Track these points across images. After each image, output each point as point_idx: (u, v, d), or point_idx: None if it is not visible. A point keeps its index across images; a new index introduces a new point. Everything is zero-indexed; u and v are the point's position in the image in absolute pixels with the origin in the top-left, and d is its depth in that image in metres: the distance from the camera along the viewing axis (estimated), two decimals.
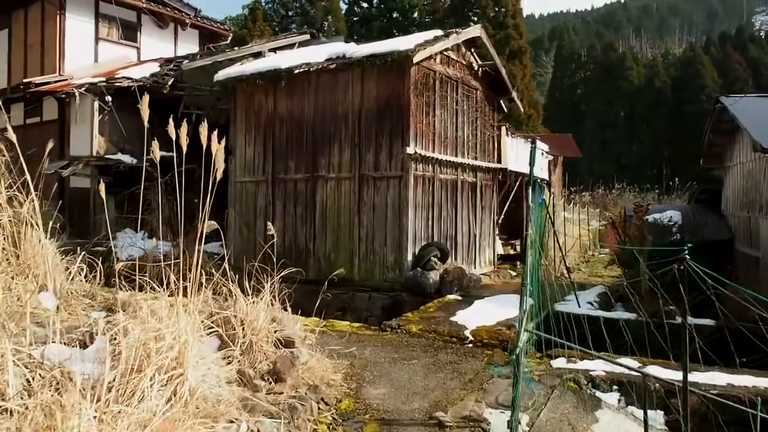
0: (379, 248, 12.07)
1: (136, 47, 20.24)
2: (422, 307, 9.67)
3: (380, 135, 12.07)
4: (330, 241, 12.73)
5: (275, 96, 13.56)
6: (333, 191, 12.72)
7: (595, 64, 72.78)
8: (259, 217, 13.83)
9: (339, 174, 12.60)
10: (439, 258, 11.90)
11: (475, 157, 14.27)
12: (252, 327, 5.98)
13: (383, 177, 12.02)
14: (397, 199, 11.84)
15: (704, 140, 12.61)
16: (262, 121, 13.79)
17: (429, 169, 12.44)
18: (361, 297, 11.83)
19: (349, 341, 7.77)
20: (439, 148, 12.75)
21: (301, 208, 13.19)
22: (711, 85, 59.25)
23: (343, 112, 12.54)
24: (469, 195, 14.08)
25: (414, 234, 11.89)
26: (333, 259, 12.70)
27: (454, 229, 13.41)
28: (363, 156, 12.28)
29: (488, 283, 13.73)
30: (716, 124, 11.92)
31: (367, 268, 12.23)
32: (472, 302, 9.96)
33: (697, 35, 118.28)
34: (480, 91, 14.44)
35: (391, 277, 11.92)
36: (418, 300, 11.18)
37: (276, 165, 13.55)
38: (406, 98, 11.70)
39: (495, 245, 15.29)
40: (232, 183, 14.34)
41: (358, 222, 12.30)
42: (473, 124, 14.21)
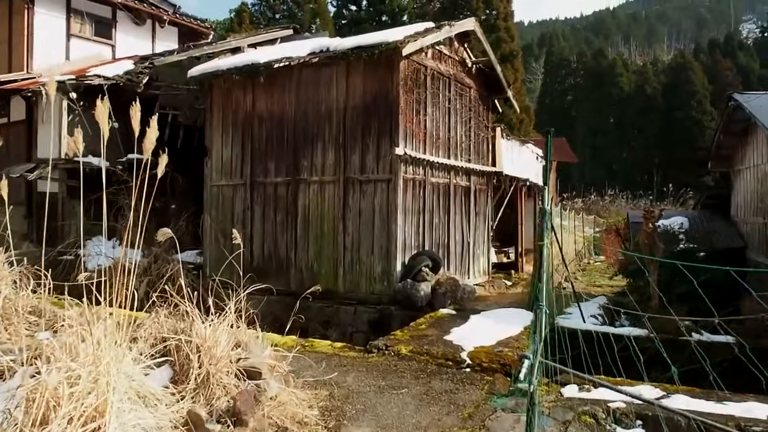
0: (365, 258, 11.12)
1: (111, 45, 19.20)
2: (412, 324, 8.71)
3: (367, 135, 11.14)
4: (312, 249, 11.77)
5: (254, 93, 12.60)
6: (316, 196, 11.77)
7: (585, 70, 72.54)
8: (237, 224, 12.83)
9: (322, 177, 11.65)
10: (430, 268, 10.96)
11: (469, 160, 13.37)
12: (210, 355, 5.00)
13: (370, 180, 11.09)
14: (385, 205, 10.91)
15: (713, 141, 11.81)
16: (239, 121, 12.82)
17: (419, 171, 11.52)
18: (346, 310, 10.87)
19: (329, 365, 6.79)
20: (430, 149, 11.84)
21: (281, 214, 12.22)
22: (701, 92, 59.03)
23: (327, 111, 11.61)
24: (463, 200, 13.16)
25: (403, 242, 10.95)
26: (316, 269, 11.73)
27: (447, 236, 12.49)
28: (348, 157, 11.35)
29: (483, 295, 12.80)
30: (727, 123, 11.12)
31: (352, 280, 11.27)
32: (467, 317, 9.02)
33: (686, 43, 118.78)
34: (474, 90, 13.56)
35: (378, 289, 10.97)
36: (408, 314, 10.24)
37: (255, 167, 12.58)
38: (395, 95, 10.79)
39: (489, 254, 14.37)
40: (207, 187, 13.35)
41: (342, 229, 11.35)
42: (467, 124, 13.32)
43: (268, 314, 12.22)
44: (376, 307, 10.64)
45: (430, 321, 8.85)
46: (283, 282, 12.09)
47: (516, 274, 16.97)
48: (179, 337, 5.03)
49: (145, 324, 5.25)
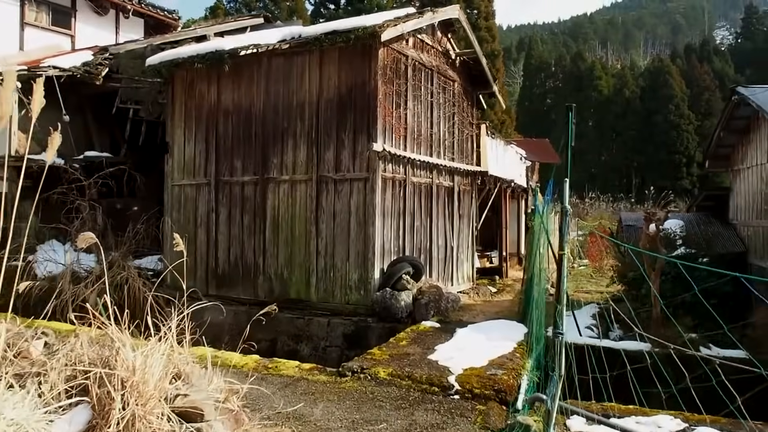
0: (340, 264, 10.14)
1: (70, 35, 17.95)
2: (392, 339, 7.75)
3: (342, 130, 10.17)
4: (283, 255, 10.74)
5: (219, 85, 11.55)
6: (286, 196, 10.75)
7: (565, 73, 72.54)
8: (200, 227, 11.76)
9: (293, 176, 10.65)
10: (411, 275, 10.02)
11: (452, 159, 12.47)
12: (138, 392, 3.97)
13: (345, 179, 10.11)
14: (361, 206, 9.94)
15: (711, 139, 11.08)
16: (203, 115, 11.75)
17: (400, 170, 10.58)
18: (319, 323, 9.87)
19: (295, 393, 5.80)
20: (411, 146, 10.90)
21: (248, 217, 11.18)
22: (679, 95, 59.11)
23: (299, 103, 10.62)
24: (446, 201, 12.25)
25: (382, 247, 9.99)
26: (286, 276, 10.71)
27: (429, 241, 11.56)
28: (322, 154, 10.36)
29: (468, 303, 11.88)
30: (729, 120, 10.38)
31: (326, 288, 10.27)
32: (453, 332, 8.08)
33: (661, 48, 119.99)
34: (458, 84, 12.66)
35: (354, 298, 9.98)
36: (386, 327, 9.29)
37: (220, 165, 11.53)
38: (373, 86, 9.84)
39: (474, 259, 13.48)
40: (168, 186, 12.25)
41: (315, 233, 10.36)
42: (450, 120, 12.42)
43: (234, 327, 11.18)
44: (352, 319, 9.67)
45: (411, 336, 7.89)
46: (251, 290, 11.06)
47: (500, 279, 16.10)
48: (99, 370, 3.99)
49: (59, 352, 4.21)
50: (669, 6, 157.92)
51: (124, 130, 15.78)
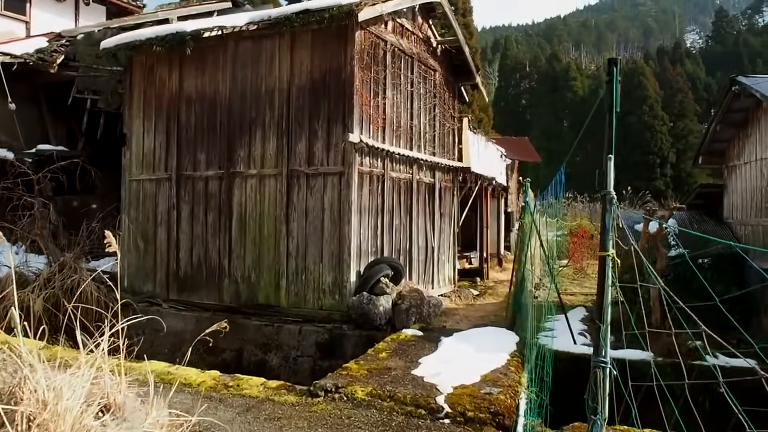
0: (313, 266, 9.29)
1: (25, 21, 16.76)
2: (371, 351, 6.93)
3: (315, 119, 9.33)
4: (250, 256, 9.86)
5: (181, 71, 10.61)
6: (254, 192, 9.87)
7: (540, 74, 72.51)
8: (161, 226, 10.81)
9: (262, 170, 9.77)
10: (391, 278, 9.22)
11: (434, 153, 11.70)
12: None
13: (319, 173, 9.27)
14: (336, 203, 9.12)
15: (706, 134, 10.51)
16: (164, 103, 10.81)
17: (377, 164, 9.77)
18: (290, 330, 9.00)
19: (258, 418, 4.94)
20: (390, 138, 10.11)
21: (213, 214, 10.26)
22: (653, 96, 59.41)
23: (268, 91, 9.75)
24: (427, 199, 11.48)
25: (358, 247, 9.18)
26: (254, 280, 9.82)
27: (409, 241, 10.77)
28: (293, 146, 9.50)
29: (450, 308, 11.13)
30: (726, 113, 9.80)
31: (297, 292, 9.42)
32: (438, 341, 7.29)
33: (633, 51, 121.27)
34: (439, 74, 11.90)
35: (328, 303, 9.15)
36: (364, 335, 8.48)
37: (182, 159, 10.59)
38: (349, 72, 9.02)
39: (455, 260, 12.73)
40: (126, 182, 11.27)
41: (286, 232, 9.49)
42: (431, 112, 11.65)
43: (196, 335, 10.22)
44: (326, 327, 8.82)
45: (392, 346, 7.08)
46: (215, 295, 10.16)
47: (482, 281, 15.40)
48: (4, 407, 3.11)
49: None
50: (641, 9, 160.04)
51: (81, 122, 14.71)
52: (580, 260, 20.64)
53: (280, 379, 8.87)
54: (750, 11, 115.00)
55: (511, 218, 23.45)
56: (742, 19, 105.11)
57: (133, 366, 6.28)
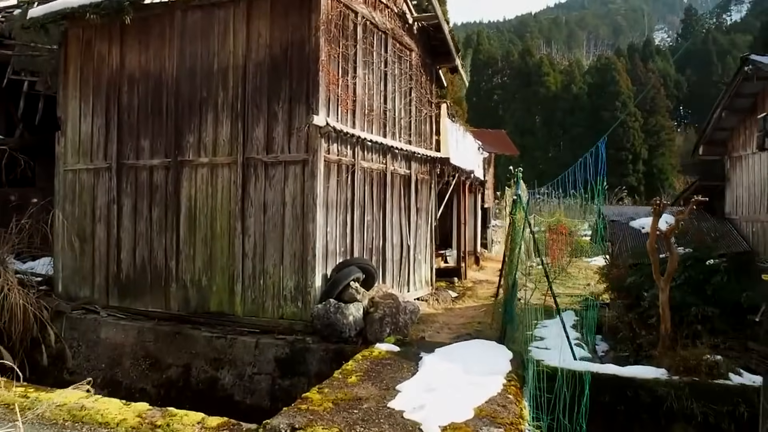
0: (272, 269, 8.08)
1: None
2: (337, 373, 5.75)
3: (275, 100, 8.11)
4: (201, 258, 8.60)
5: (122, 45, 9.29)
6: (205, 184, 8.62)
7: (512, 69, 71.90)
8: (99, 223, 9.48)
9: (214, 158, 8.52)
10: (362, 282, 8.07)
11: (409, 141, 10.56)
12: None
13: (279, 162, 8.06)
14: (299, 196, 7.92)
15: (709, 122, 9.58)
16: (103, 83, 9.47)
17: (347, 152, 8.59)
18: (245, 343, 7.77)
19: None
20: (361, 122, 8.94)
21: (159, 210, 8.97)
22: (626, 92, 59.29)
23: (222, 68, 8.49)
24: (402, 192, 10.34)
25: (325, 247, 7.99)
26: (205, 284, 8.57)
27: (382, 239, 9.62)
28: (249, 131, 8.27)
29: (429, 313, 10.04)
30: (733, 98, 8.87)
31: (254, 299, 8.20)
32: (418, 359, 6.16)
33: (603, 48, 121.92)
34: (415, 54, 10.76)
35: (290, 312, 7.95)
36: (330, 348, 7.33)
37: (123, 145, 9.27)
38: (313, 45, 7.82)
39: (432, 260, 11.63)
40: (60, 172, 9.90)
41: (241, 229, 8.26)
42: (406, 96, 10.51)
43: (138, 348, 8.96)
44: (287, 339, 7.62)
45: (363, 366, 5.92)
46: (161, 301, 8.89)
47: (459, 282, 14.35)
48: None
49: None
50: (610, 7, 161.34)
51: (17, 106, 13.20)
52: (560, 257, 19.77)
53: (234, 400, 7.68)
54: (718, 10, 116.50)
55: (487, 214, 22.51)
56: (711, 18, 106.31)
57: (39, 398, 5.01)
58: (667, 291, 6.92)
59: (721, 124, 9.50)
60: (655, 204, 6.93)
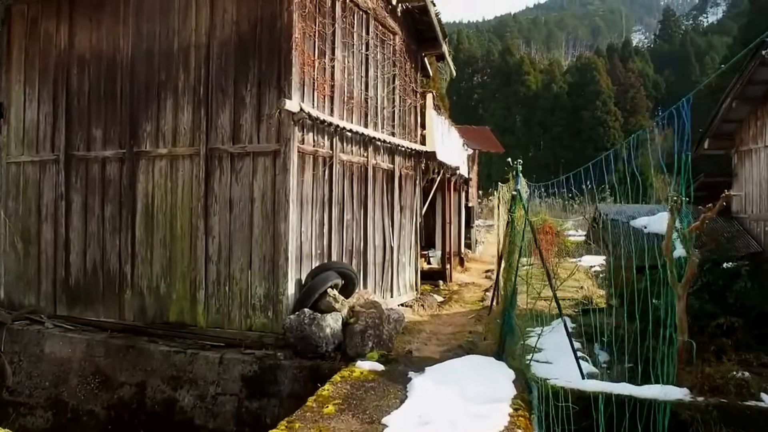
0: (239, 274, 7.15)
1: None
2: (311, 401, 4.84)
3: (243, 83, 7.18)
4: (159, 261, 7.64)
5: (72, 23, 8.29)
6: (164, 178, 7.65)
7: (493, 68, 71.49)
8: (46, 222, 8.46)
9: (174, 149, 7.57)
10: (341, 289, 7.18)
11: (393, 133, 9.69)
12: None
13: (247, 153, 7.13)
14: (269, 191, 7.00)
15: (717, 111, 8.85)
16: (50, 64, 8.46)
17: (324, 142, 7.69)
18: (208, 359, 6.82)
19: None
20: (340, 110, 8.04)
21: (112, 207, 7.98)
22: (606, 92, 59.13)
23: (182, 47, 7.54)
24: (385, 188, 9.46)
25: (299, 249, 7.09)
26: (164, 291, 7.60)
27: (363, 240, 8.73)
28: (213, 118, 7.33)
29: (414, 321, 9.18)
30: (746, 85, 8.14)
31: (219, 308, 7.26)
32: (405, 380, 5.29)
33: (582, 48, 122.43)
34: (399, 38, 9.89)
35: (259, 323, 7.02)
36: (305, 365, 6.43)
37: (73, 135, 8.27)
38: (286, 21, 6.91)
39: (417, 262, 10.77)
40: (3, 165, 8.86)
41: (205, 229, 7.31)
42: (390, 83, 9.63)
43: (87, 364, 7.94)
44: (256, 354, 6.70)
45: (342, 391, 5.02)
46: (115, 310, 7.90)
47: (445, 285, 13.52)
48: None
49: None
50: (589, 8, 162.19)
51: None
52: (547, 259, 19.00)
53: (194, 425, 6.71)
54: (695, 12, 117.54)
55: (471, 213, 21.74)
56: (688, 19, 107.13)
57: None
58: (684, 298, 6.13)
59: (730, 115, 8.77)
60: (672, 200, 6.12)
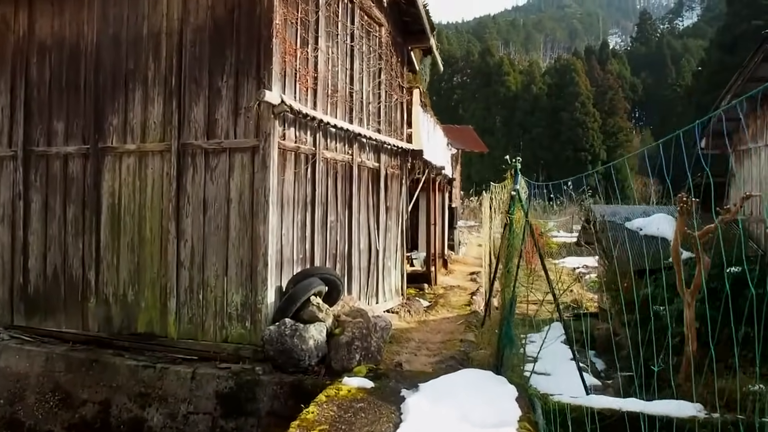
0: (214, 281, 6.57)
1: None
2: (294, 426, 4.29)
3: (218, 73, 6.61)
4: (126, 267, 7.02)
5: (31, 9, 7.63)
6: (132, 176, 7.04)
7: (473, 69, 71.40)
8: (2, 224, 7.79)
9: (143, 144, 6.96)
10: (325, 296, 6.65)
11: (378, 130, 9.17)
12: None
13: (223, 149, 6.56)
14: (247, 191, 6.44)
15: (716, 107, 8.49)
16: (8, 53, 7.79)
17: (306, 138, 7.14)
18: (179, 374, 6.24)
19: None
20: (323, 104, 7.50)
21: (75, 208, 7.35)
22: (585, 93, 59.28)
23: (153, 34, 6.94)
24: (370, 188, 8.94)
25: (279, 254, 6.54)
26: (132, 299, 6.99)
27: (348, 243, 8.20)
28: (186, 111, 6.74)
29: (401, 328, 8.68)
30: (746, 83, 7.79)
31: (192, 317, 6.67)
32: (398, 400, 4.78)
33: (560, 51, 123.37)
34: (385, 30, 9.38)
35: (236, 334, 6.45)
36: (286, 381, 5.89)
37: (32, 129, 7.61)
38: (266, 5, 6.35)
39: (403, 266, 10.27)
40: None
41: (176, 232, 6.72)
42: (376, 77, 9.12)
43: (46, 381, 7.30)
44: (232, 369, 6.13)
45: (328, 414, 4.49)
46: (77, 320, 7.27)
47: (430, 288, 13.06)
48: None
49: None
50: (566, 11, 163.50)
51: None
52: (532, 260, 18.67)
53: None
54: (671, 15, 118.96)
55: (454, 214, 21.33)
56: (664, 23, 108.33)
57: None
58: (693, 306, 5.72)
59: (729, 113, 8.43)
60: (682, 201, 5.71)
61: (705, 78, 45.82)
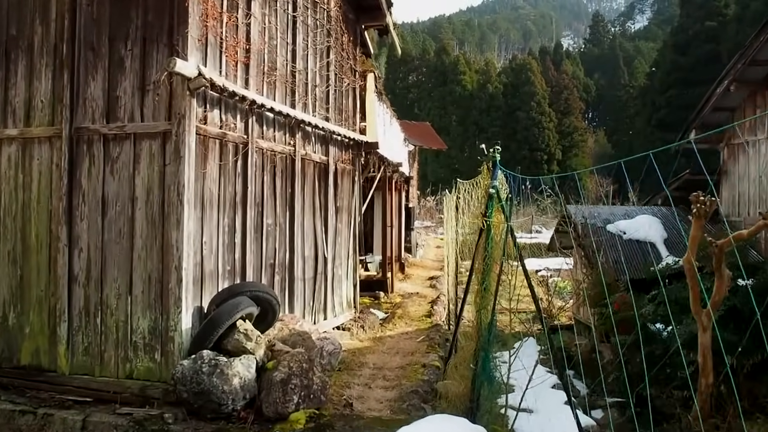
0: (116, 301, 5.20)
1: None
2: None
3: (121, 39, 5.25)
4: (7, 282, 5.59)
5: None
6: (14, 169, 5.61)
7: (428, 68, 70.78)
8: None
9: (27, 129, 5.54)
10: (257, 318, 5.36)
11: (327, 118, 7.91)
12: None
13: (126, 135, 5.21)
14: (157, 188, 5.10)
15: (709, 97, 7.59)
16: None
17: (235, 123, 5.83)
18: (67, 423, 4.84)
19: None
20: (258, 82, 6.21)
21: None
22: (540, 93, 59.25)
23: None
24: (317, 186, 7.67)
25: (198, 266, 5.22)
26: (13, 323, 5.56)
27: (289, 251, 6.91)
28: (81, 87, 5.36)
29: (354, 348, 7.45)
30: (748, 65, 6.87)
31: (88, 347, 5.28)
32: None
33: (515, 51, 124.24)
34: (335, 3, 8.12)
35: (143, 368, 5.10)
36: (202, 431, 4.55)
37: None
38: None
39: (356, 274, 9.04)
40: None
41: (68, 239, 5.32)
42: (323, 57, 7.86)
43: None
44: (135, 415, 4.77)
45: None
46: None
47: (386, 296, 11.88)
48: None
49: None
50: (520, 12, 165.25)
51: None
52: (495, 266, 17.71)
53: None
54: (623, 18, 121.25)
55: (412, 214, 20.23)
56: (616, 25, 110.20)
57: None
58: (710, 329, 4.68)
59: (722, 102, 7.51)
60: (696, 201, 4.67)
61: (659, 78, 46.22)
